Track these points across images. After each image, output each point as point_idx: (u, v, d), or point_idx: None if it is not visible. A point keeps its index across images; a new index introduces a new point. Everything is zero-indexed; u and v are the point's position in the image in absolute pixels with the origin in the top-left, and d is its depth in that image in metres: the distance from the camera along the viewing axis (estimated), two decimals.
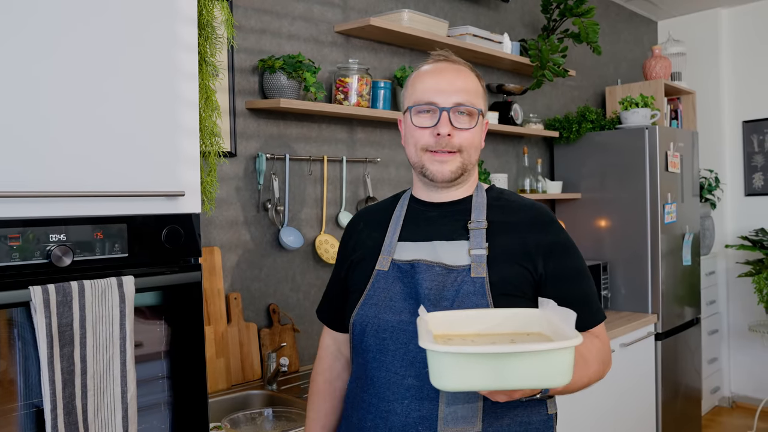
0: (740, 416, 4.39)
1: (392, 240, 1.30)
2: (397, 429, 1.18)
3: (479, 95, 1.28)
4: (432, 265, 1.23)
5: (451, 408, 1.15)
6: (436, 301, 1.19)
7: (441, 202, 1.31)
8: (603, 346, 1.25)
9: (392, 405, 1.19)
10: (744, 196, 4.61)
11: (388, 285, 1.25)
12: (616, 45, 4.44)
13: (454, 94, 1.24)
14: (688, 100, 4.35)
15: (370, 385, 1.23)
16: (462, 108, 1.24)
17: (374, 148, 2.78)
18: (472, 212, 1.28)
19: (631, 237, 3.50)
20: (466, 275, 1.20)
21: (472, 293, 1.18)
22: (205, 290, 2.13)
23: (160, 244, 1.37)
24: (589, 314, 1.26)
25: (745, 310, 4.54)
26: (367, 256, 1.32)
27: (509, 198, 1.33)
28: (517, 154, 3.62)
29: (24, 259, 1.19)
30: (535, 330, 1.09)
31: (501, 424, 1.18)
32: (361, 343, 1.25)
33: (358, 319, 1.26)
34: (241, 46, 2.30)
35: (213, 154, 1.76)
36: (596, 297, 1.30)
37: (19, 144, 1.18)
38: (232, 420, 1.90)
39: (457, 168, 1.26)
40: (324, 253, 2.49)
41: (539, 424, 1.22)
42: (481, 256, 1.21)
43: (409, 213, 1.33)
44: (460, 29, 2.99)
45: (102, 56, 1.29)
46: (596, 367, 1.21)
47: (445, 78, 1.26)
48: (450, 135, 1.23)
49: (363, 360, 1.25)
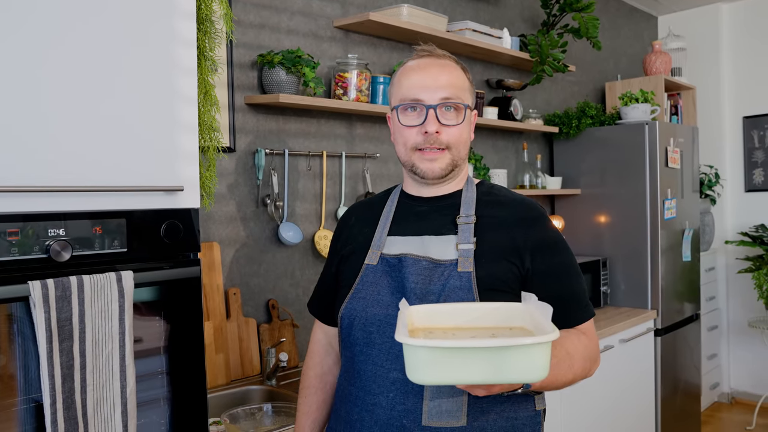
0: (739, 412, 4.39)
1: (382, 234, 1.30)
2: (383, 422, 1.19)
3: (465, 89, 1.27)
4: (419, 259, 1.23)
5: (435, 402, 1.16)
6: (422, 295, 1.20)
7: (431, 197, 1.31)
8: (590, 343, 1.24)
9: (378, 398, 1.20)
10: (744, 192, 4.61)
11: (376, 279, 1.26)
12: (616, 40, 4.44)
13: (440, 90, 1.23)
14: (689, 95, 4.34)
15: (357, 378, 1.24)
16: (449, 103, 1.23)
17: (373, 143, 2.78)
18: (461, 207, 1.28)
19: (630, 233, 3.50)
20: (452, 270, 1.20)
21: (459, 288, 1.18)
22: (205, 286, 2.13)
23: (159, 239, 1.37)
24: (577, 311, 1.25)
25: (745, 306, 4.54)
26: (357, 250, 1.32)
27: (499, 193, 1.33)
28: (517, 150, 3.62)
29: (23, 254, 1.19)
30: (518, 324, 1.09)
31: (487, 419, 1.17)
32: (349, 336, 1.26)
33: (346, 313, 1.27)
34: (239, 41, 2.30)
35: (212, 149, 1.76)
36: (585, 294, 1.29)
37: (18, 139, 1.18)
38: (231, 415, 1.90)
39: (447, 165, 1.26)
40: (323, 248, 2.49)
41: (526, 419, 1.22)
42: (469, 251, 1.21)
43: (399, 208, 1.34)
44: (459, 24, 2.99)
45: (101, 51, 1.29)
46: (582, 364, 1.20)
47: (430, 74, 1.25)
48: (438, 132, 1.23)
49: (350, 353, 1.26)
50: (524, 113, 3.52)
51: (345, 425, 1.26)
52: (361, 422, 1.22)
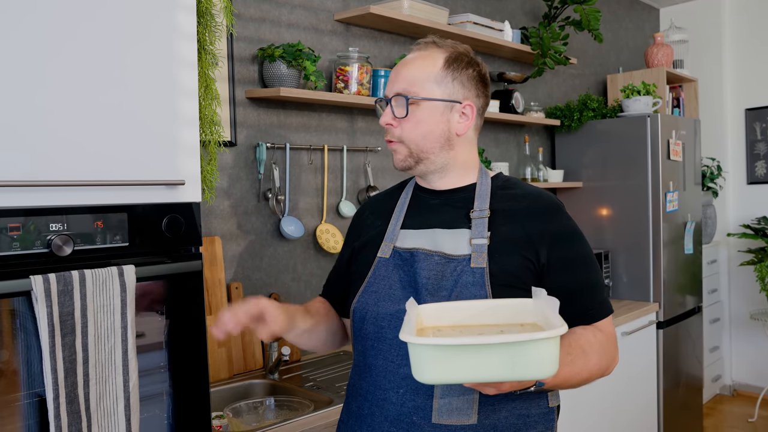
0: (741, 404, 4.40)
1: (395, 227, 1.29)
2: (393, 417, 1.18)
3: (430, 80, 1.22)
4: (431, 254, 1.21)
5: (445, 399, 1.14)
6: (434, 291, 1.18)
7: (443, 190, 1.30)
8: (607, 340, 1.21)
9: (388, 393, 1.19)
10: (746, 185, 4.60)
11: (388, 273, 1.25)
12: (617, 32, 4.42)
13: (397, 83, 1.24)
14: (690, 87, 4.32)
15: (368, 373, 1.23)
16: (399, 97, 1.23)
17: (375, 137, 2.77)
18: (475, 200, 1.25)
19: (632, 225, 3.50)
20: (465, 265, 1.18)
21: (471, 284, 1.16)
22: (207, 280, 2.13)
23: (161, 233, 1.37)
24: (594, 307, 1.22)
25: (747, 299, 4.54)
26: (371, 243, 1.31)
27: (514, 186, 1.30)
28: (518, 143, 3.61)
29: (25, 249, 1.19)
30: (530, 321, 1.06)
31: (498, 416, 1.16)
32: (361, 330, 1.25)
33: (358, 307, 1.26)
34: (240, 34, 2.29)
35: (213, 143, 1.76)
36: (603, 290, 1.25)
37: (19, 134, 1.18)
38: (233, 409, 1.90)
39: (405, 157, 1.25)
40: (325, 242, 2.49)
41: (538, 416, 1.20)
42: (482, 246, 1.19)
43: (413, 200, 1.33)
44: (460, 17, 2.97)
45: (101, 45, 1.28)
46: (598, 362, 1.17)
47: (397, 68, 1.26)
48: (391, 124, 1.24)
49: (362, 347, 1.26)
50: (526, 106, 3.51)
51: (356, 420, 1.26)
52: (371, 417, 1.21)
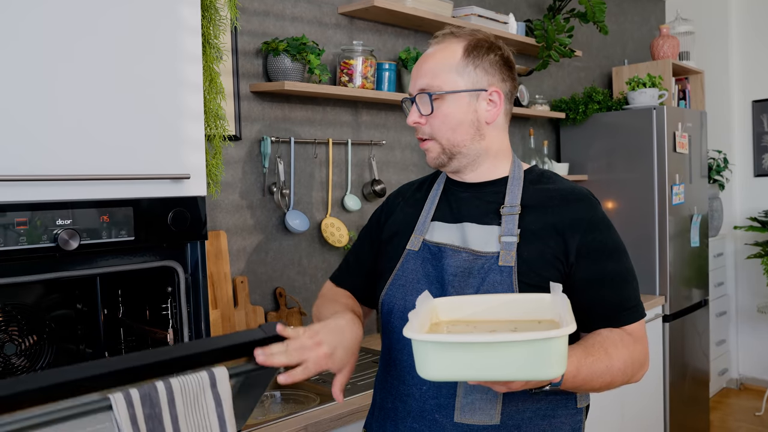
0: (748, 398, 4.39)
1: (426, 219, 1.27)
2: (415, 413, 1.18)
3: (450, 70, 1.20)
4: (459, 251, 1.19)
5: (468, 398, 1.13)
6: (460, 288, 1.16)
7: (473, 183, 1.27)
8: (636, 345, 1.15)
9: (411, 389, 1.19)
10: (753, 177, 4.58)
11: (416, 266, 1.23)
12: (623, 24, 4.39)
13: (419, 79, 1.23)
14: (697, 79, 4.30)
15: (393, 367, 1.23)
16: (423, 93, 1.21)
17: (379, 130, 2.76)
18: (506, 195, 1.21)
19: (638, 219, 3.48)
20: (493, 263, 1.15)
21: (499, 282, 1.14)
22: (212, 274, 2.13)
23: (167, 227, 1.37)
24: (624, 310, 1.17)
25: (754, 292, 4.52)
26: (400, 232, 1.30)
27: (548, 180, 1.25)
28: (523, 136, 3.60)
29: (31, 243, 1.19)
30: (548, 317, 1.04)
31: (522, 417, 1.14)
32: (388, 324, 1.25)
33: (386, 300, 1.25)
34: (244, 28, 2.29)
35: (218, 137, 1.76)
36: (634, 289, 1.19)
37: (24, 129, 1.18)
38: None
39: (438, 154, 1.23)
40: (330, 236, 2.49)
41: (565, 417, 1.18)
42: (512, 244, 1.15)
43: (444, 192, 1.30)
44: (464, 9, 2.96)
45: (106, 40, 1.28)
46: (621, 367, 1.12)
47: (418, 65, 1.25)
48: (418, 123, 1.23)
49: (388, 341, 1.26)
50: (531, 99, 3.50)
51: (380, 412, 1.26)
52: (395, 411, 1.21)
